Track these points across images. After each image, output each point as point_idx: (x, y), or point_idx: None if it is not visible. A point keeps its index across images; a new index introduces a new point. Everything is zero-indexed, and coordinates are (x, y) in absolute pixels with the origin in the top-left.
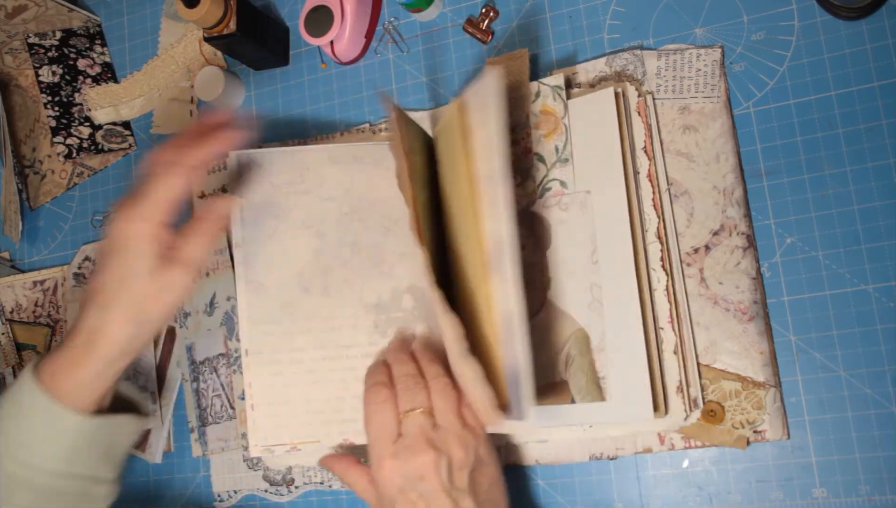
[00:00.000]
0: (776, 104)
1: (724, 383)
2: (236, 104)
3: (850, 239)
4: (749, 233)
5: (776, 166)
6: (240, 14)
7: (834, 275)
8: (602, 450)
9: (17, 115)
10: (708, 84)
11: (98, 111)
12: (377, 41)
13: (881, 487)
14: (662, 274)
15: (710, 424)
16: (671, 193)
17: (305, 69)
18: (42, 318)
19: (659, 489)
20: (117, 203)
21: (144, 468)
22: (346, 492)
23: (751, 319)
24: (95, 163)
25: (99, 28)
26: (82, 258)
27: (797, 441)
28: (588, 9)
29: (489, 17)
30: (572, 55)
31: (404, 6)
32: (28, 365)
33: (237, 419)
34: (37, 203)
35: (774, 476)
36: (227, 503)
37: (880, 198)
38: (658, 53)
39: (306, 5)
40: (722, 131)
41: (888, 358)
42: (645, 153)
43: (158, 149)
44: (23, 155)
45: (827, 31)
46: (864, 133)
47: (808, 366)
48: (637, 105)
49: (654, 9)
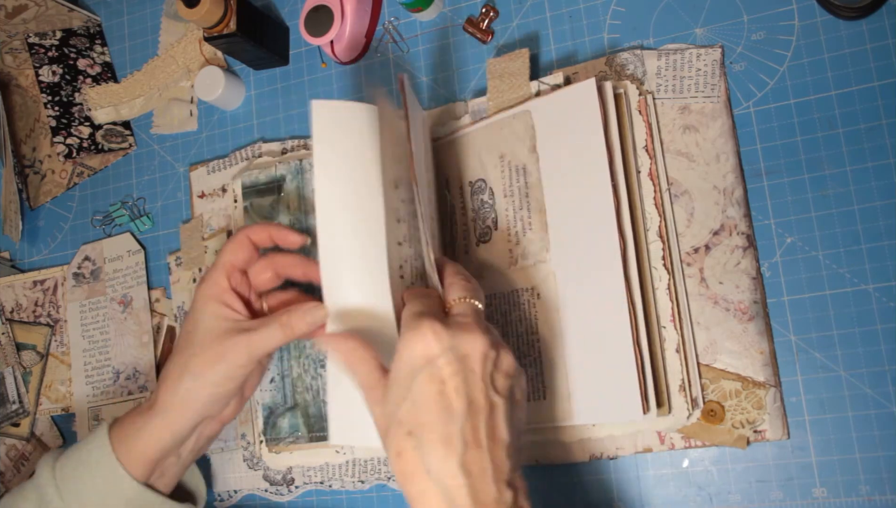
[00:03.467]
0: (776, 104)
1: (724, 383)
2: (236, 104)
3: (850, 239)
4: (749, 232)
5: (776, 166)
6: (240, 14)
7: (834, 275)
8: (602, 450)
9: (17, 115)
10: (708, 84)
11: (98, 111)
12: (377, 41)
13: (881, 487)
14: (664, 273)
15: (710, 424)
16: (671, 193)
17: (305, 69)
18: (42, 318)
19: (659, 489)
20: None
21: None
22: (346, 492)
23: (751, 319)
24: (95, 162)
25: (99, 28)
26: (82, 258)
27: (797, 440)
28: (588, 9)
29: (489, 16)
30: (572, 55)
31: (404, 6)
32: (105, 422)
33: (237, 419)
34: (37, 203)
35: (774, 476)
36: (227, 503)
37: (880, 198)
38: (658, 53)
39: (306, 5)
40: (722, 131)
41: (888, 358)
42: (646, 152)
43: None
44: (23, 155)
45: (827, 30)
46: (864, 133)
47: (808, 366)
48: (638, 104)
49: (654, 9)
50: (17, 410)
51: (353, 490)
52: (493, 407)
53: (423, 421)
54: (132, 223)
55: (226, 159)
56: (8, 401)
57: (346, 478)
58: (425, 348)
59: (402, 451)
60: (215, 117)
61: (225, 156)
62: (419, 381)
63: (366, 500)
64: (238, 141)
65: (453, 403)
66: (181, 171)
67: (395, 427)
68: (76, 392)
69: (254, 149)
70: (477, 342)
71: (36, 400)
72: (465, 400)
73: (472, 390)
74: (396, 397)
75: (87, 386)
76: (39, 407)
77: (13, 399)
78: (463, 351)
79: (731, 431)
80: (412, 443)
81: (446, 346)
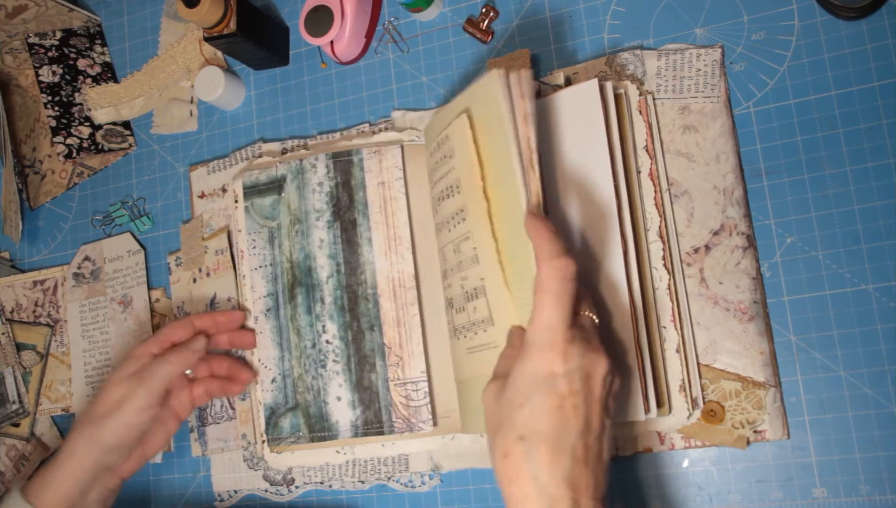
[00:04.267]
0: (776, 104)
1: (724, 383)
2: (236, 104)
3: (850, 239)
4: (749, 232)
5: (776, 166)
6: (240, 14)
7: (834, 275)
8: None
9: (17, 115)
10: (708, 84)
11: (98, 111)
12: (377, 41)
13: (881, 487)
14: (664, 273)
15: (710, 424)
16: (671, 193)
17: (305, 69)
18: (42, 318)
19: (659, 489)
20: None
21: (144, 468)
22: (346, 492)
23: (751, 319)
24: (95, 162)
25: (99, 28)
26: (82, 258)
27: (797, 441)
28: (588, 9)
29: (489, 17)
30: (572, 55)
31: (404, 6)
32: (17, 485)
33: (237, 419)
34: (37, 203)
35: (774, 476)
36: (228, 503)
37: (880, 198)
38: (658, 53)
39: (306, 5)
40: (722, 131)
41: (888, 358)
42: (647, 152)
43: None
44: (23, 155)
45: (827, 30)
46: (864, 133)
47: (808, 366)
48: (638, 104)
49: (654, 9)
50: (17, 410)
51: (353, 490)
52: (603, 429)
53: (538, 429)
54: (132, 223)
55: (226, 159)
56: (8, 401)
57: (346, 478)
58: (553, 365)
59: (510, 453)
60: (215, 117)
61: (225, 157)
62: (541, 391)
63: (366, 500)
64: (238, 141)
65: (570, 420)
66: (181, 171)
67: (507, 428)
68: (76, 392)
69: (254, 149)
70: (601, 365)
71: (36, 400)
72: (583, 419)
73: (590, 411)
74: (514, 400)
75: (87, 386)
76: (39, 407)
77: (13, 399)
78: (587, 371)
79: (731, 431)
80: (522, 448)
81: (574, 367)
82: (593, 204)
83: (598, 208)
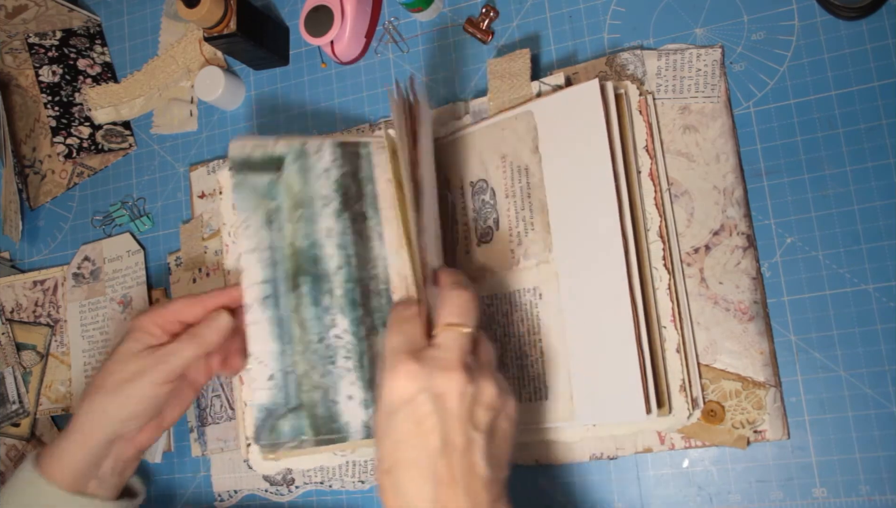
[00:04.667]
0: (776, 104)
1: (724, 383)
2: (236, 104)
3: (850, 239)
4: (749, 232)
5: (776, 166)
6: (240, 14)
7: (834, 275)
8: (602, 450)
9: (17, 115)
10: (708, 84)
11: (98, 111)
12: (377, 41)
13: (881, 487)
14: (664, 273)
15: (710, 424)
16: (671, 193)
17: (305, 69)
18: (42, 318)
19: (659, 489)
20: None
21: (144, 468)
22: (346, 492)
23: (751, 319)
24: (95, 163)
25: (99, 28)
26: (82, 258)
27: (797, 441)
28: (588, 9)
29: (489, 17)
30: (572, 55)
31: (404, 6)
32: (32, 453)
33: (237, 419)
34: (37, 203)
35: (774, 476)
36: (227, 503)
37: (880, 198)
38: (658, 53)
39: (306, 5)
40: (722, 131)
41: (888, 358)
42: (647, 152)
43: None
44: (23, 155)
45: (827, 30)
46: (864, 133)
47: (808, 366)
48: (638, 103)
49: (654, 9)
50: (17, 410)
51: (353, 490)
52: (470, 444)
53: (400, 458)
54: (132, 223)
55: (226, 159)
56: (8, 401)
57: (346, 478)
58: (402, 390)
59: (384, 489)
60: (215, 117)
61: (225, 157)
62: (398, 420)
63: (366, 500)
64: None
65: (428, 441)
66: (181, 171)
67: (377, 463)
68: (76, 392)
69: None
70: (453, 381)
71: (36, 401)
72: (440, 439)
73: (448, 429)
74: (380, 433)
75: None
76: (39, 408)
77: (13, 399)
78: (438, 390)
79: (731, 431)
80: (390, 481)
81: (422, 387)
82: (592, 204)
83: (597, 208)
